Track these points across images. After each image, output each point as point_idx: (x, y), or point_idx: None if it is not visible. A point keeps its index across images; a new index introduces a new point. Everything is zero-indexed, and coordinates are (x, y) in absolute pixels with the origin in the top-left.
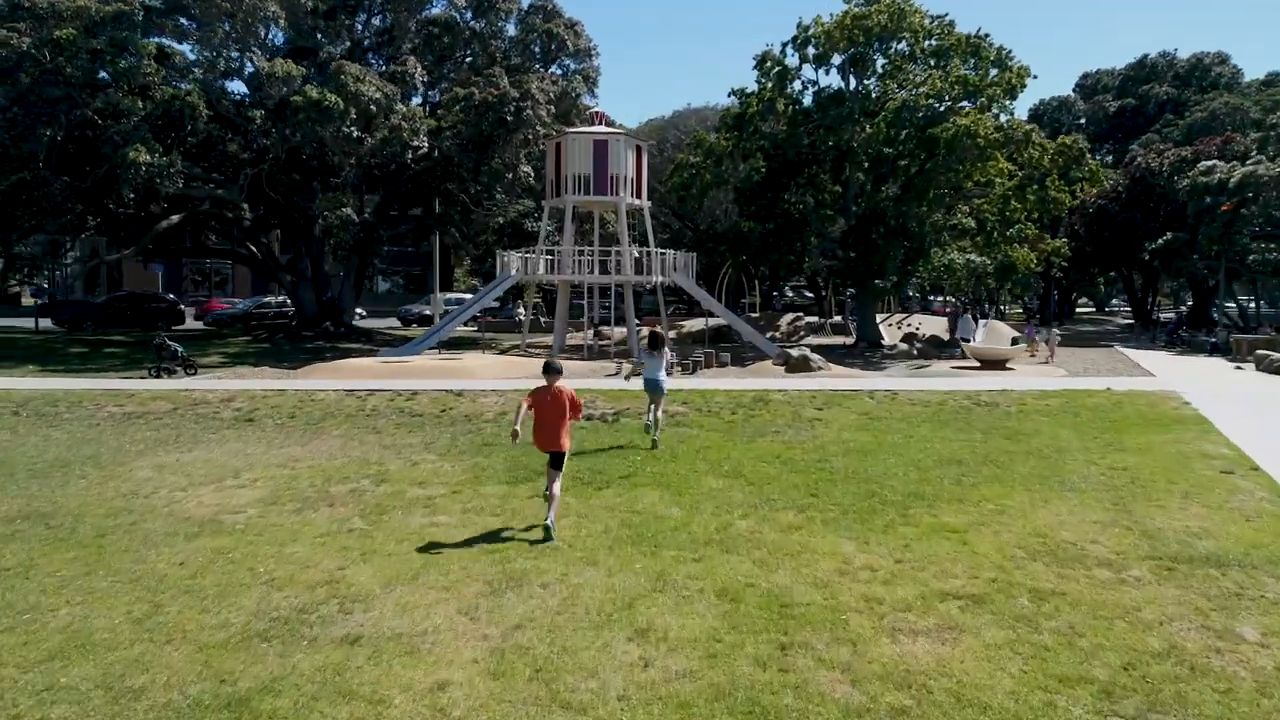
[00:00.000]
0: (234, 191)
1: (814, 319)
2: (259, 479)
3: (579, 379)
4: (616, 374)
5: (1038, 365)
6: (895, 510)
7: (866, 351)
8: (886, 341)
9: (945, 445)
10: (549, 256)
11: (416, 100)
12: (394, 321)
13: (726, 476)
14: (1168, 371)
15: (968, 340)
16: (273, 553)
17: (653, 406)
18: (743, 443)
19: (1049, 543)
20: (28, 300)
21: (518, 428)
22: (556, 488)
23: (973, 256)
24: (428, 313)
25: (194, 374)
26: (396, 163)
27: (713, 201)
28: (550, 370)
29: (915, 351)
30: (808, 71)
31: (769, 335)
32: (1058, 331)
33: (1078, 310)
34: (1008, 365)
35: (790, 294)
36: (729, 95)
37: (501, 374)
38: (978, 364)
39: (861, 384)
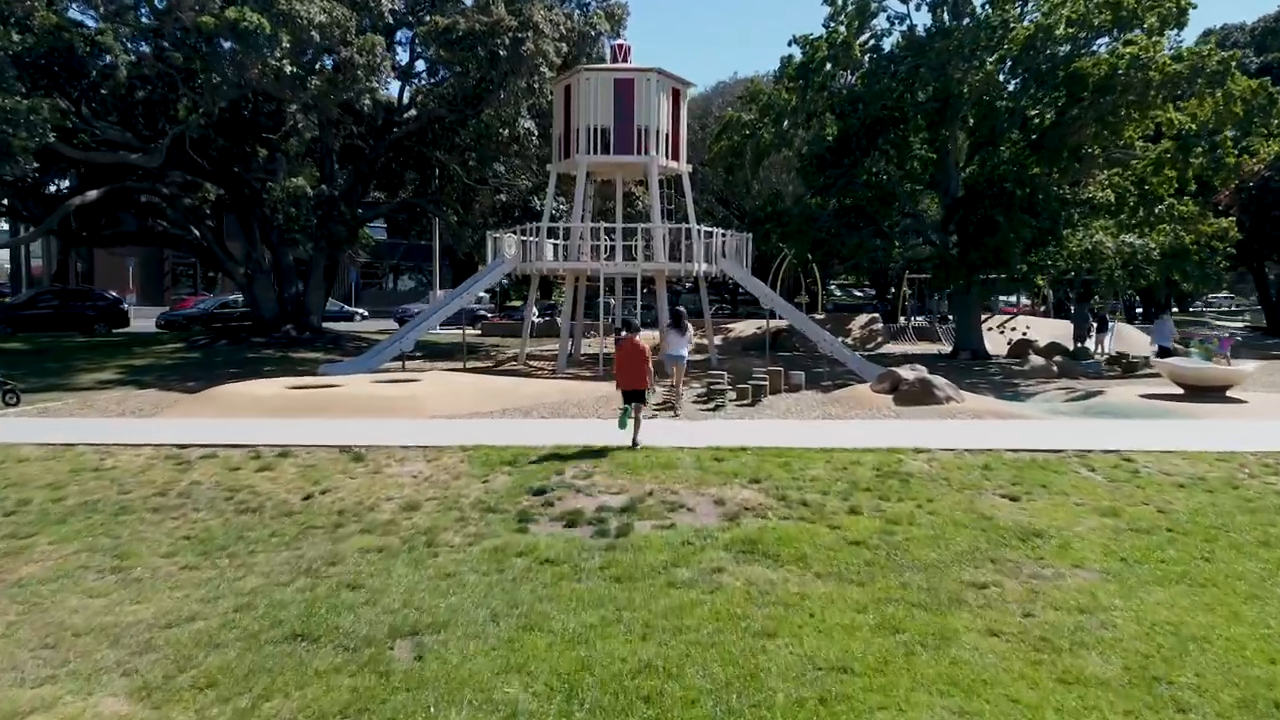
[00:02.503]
0: (155, 156)
1: (887, 323)
2: None
3: (585, 420)
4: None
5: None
6: None
7: (974, 365)
8: (989, 350)
9: None
10: (555, 241)
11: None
12: (393, 324)
13: None
14: None
15: (1166, 349)
16: None
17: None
18: (913, 619)
19: None
20: None
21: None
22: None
23: (1130, 239)
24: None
25: (15, 404)
26: (369, 125)
27: (765, 179)
28: (630, 329)
29: (1055, 368)
30: (893, 3)
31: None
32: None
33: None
34: (1226, 392)
35: (838, 292)
36: (789, 44)
37: (467, 407)
38: (1179, 389)
39: (1038, 433)
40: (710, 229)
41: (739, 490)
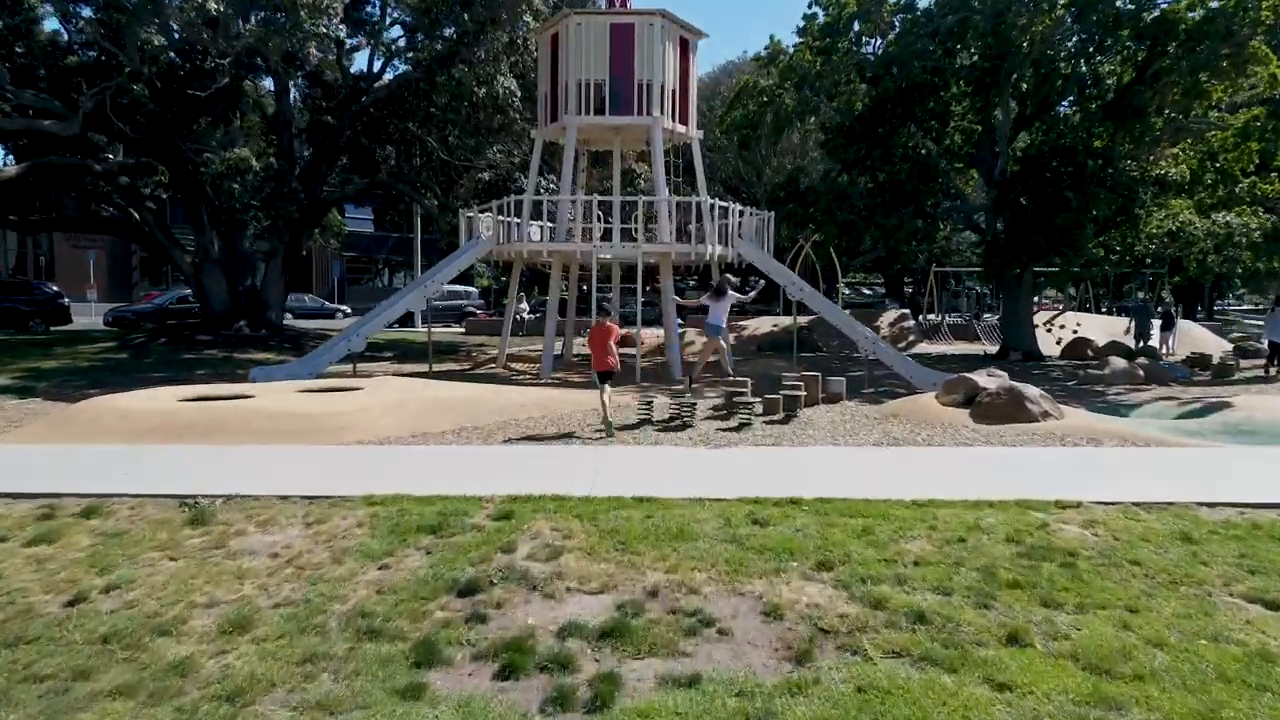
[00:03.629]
0: (71, 124)
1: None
2: None
3: (564, 446)
4: (675, 421)
5: None
6: None
7: (1032, 369)
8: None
9: None
10: (541, 223)
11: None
12: None
13: None
14: None
15: None
16: None
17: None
18: None
19: None
20: None
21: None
22: (606, 396)
23: (1227, 217)
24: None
25: None
26: (336, 94)
27: (779, 158)
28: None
29: (1140, 371)
30: None
31: None
32: None
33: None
34: None
35: (846, 290)
36: (810, 4)
37: (411, 426)
38: None
39: (1215, 470)
40: (725, 204)
41: (801, 586)
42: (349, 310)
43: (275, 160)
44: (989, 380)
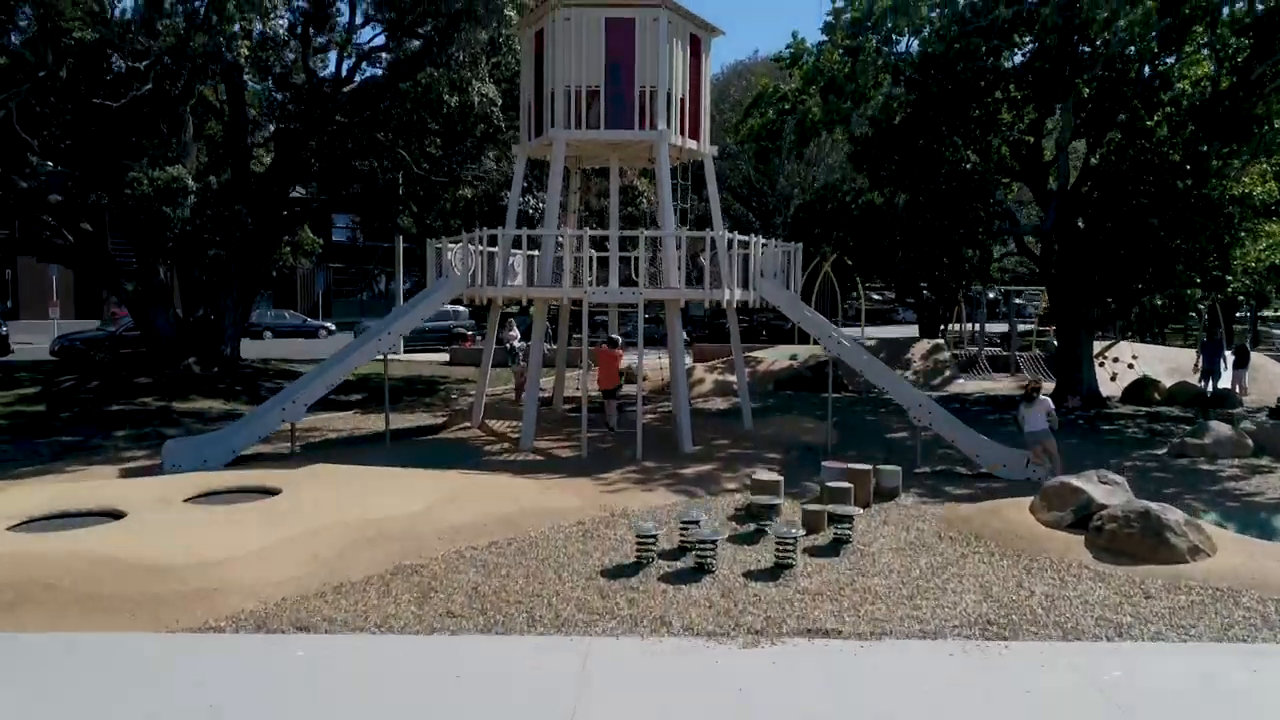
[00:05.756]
0: None
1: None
2: None
3: (545, 637)
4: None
5: None
6: None
7: (1100, 424)
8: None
9: None
10: (525, 251)
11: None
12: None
13: None
14: None
15: None
16: None
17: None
18: None
19: None
20: None
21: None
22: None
23: None
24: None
25: None
26: (305, 100)
27: (792, 168)
28: (612, 344)
29: (1249, 441)
30: None
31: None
32: None
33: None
34: None
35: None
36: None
37: (317, 573)
38: None
39: None
40: (746, 238)
41: None
42: (333, 327)
43: (215, 180)
44: (1106, 492)
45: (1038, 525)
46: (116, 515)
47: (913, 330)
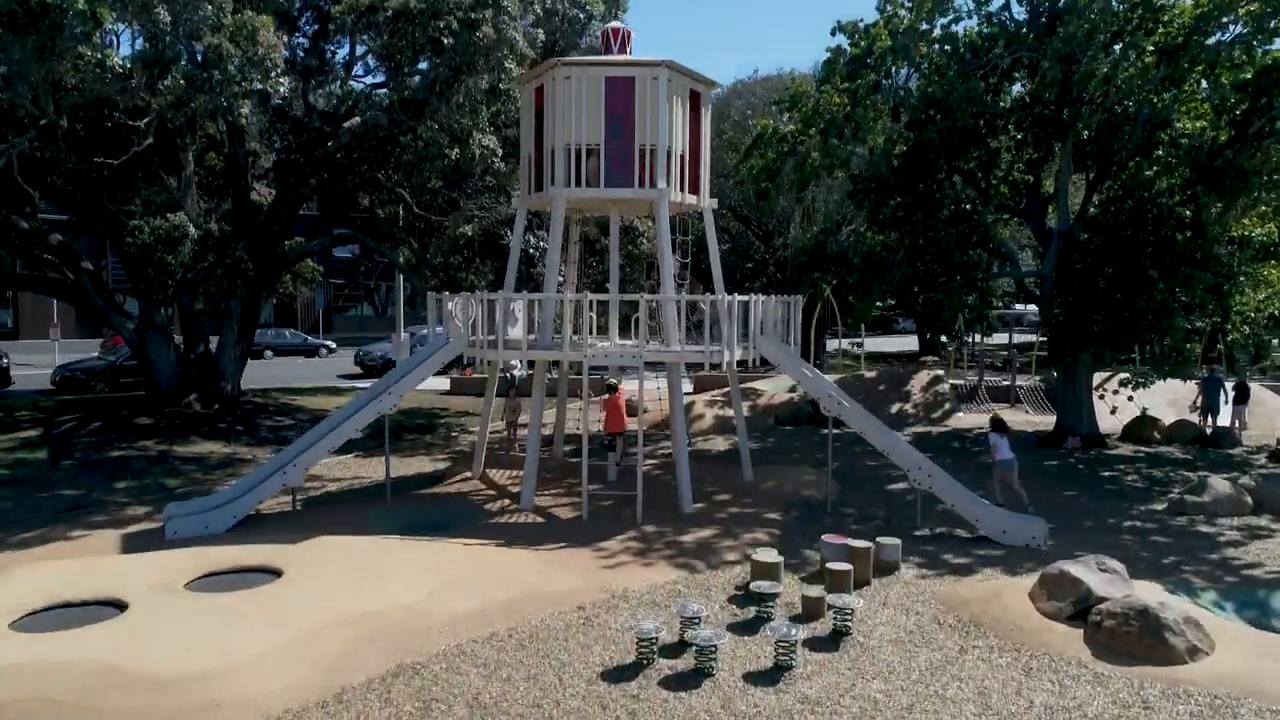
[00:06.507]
0: None
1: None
2: None
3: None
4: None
5: None
6: None
7: (1100, 468)
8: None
9: None
10: (522, 299)
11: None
12: (352, 364)
13: None
14: None
15: None
16: None
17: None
18: None
19: None
20: None
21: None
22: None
23: None
24: (392, 356)
25: None
26: (306, 136)
27: (788, 202)
28: (611, 390)
29: (1248, 498)
30: None
31: (894, 409)
32: None
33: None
34: None
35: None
36: (833, 32)
37: (318, 680)
38: None
39: None
40: (746, 298)
41: None
42: (334, 345)
43: (216, 225)
44: (1105, 581)
45: (1037, 615)
46: (118, 605)
47: (912, 339)
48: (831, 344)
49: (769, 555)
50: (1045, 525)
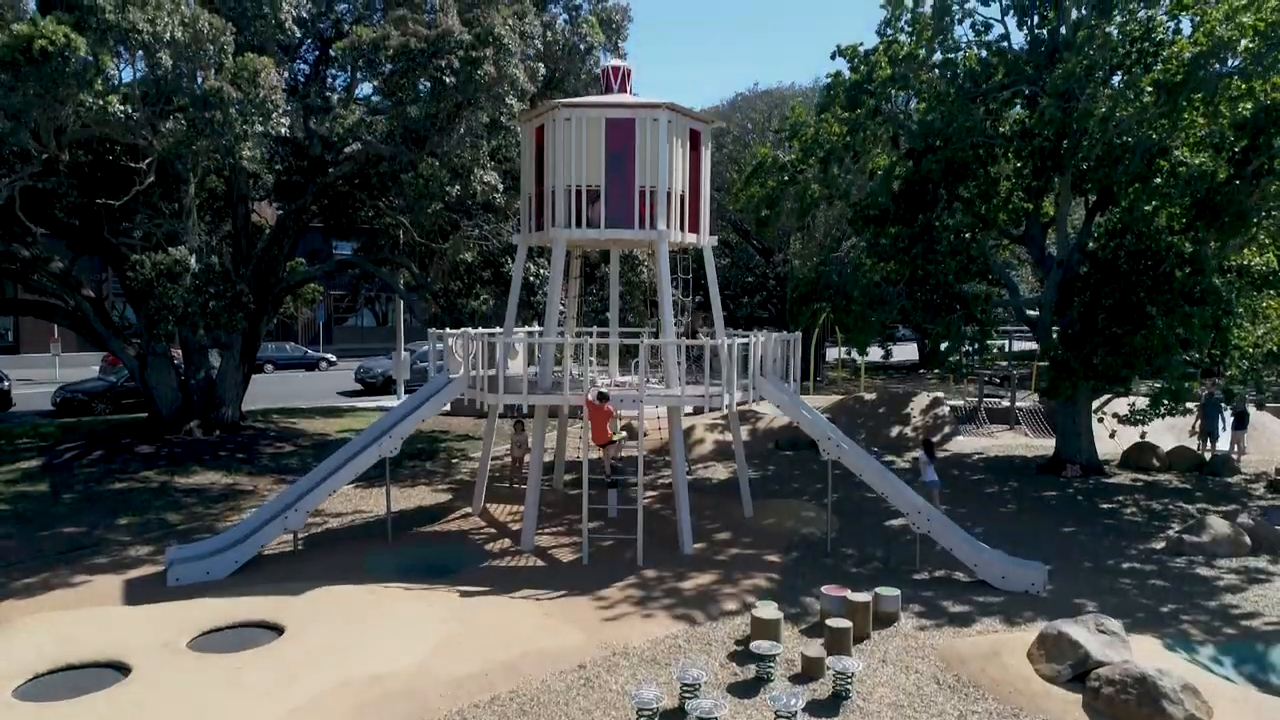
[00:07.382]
0: None
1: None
2: None
3: None
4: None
5: None
6: None
7: (1098, 498)
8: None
9: None
10: (524, 336)
11: (348, 98)
12: (351, 380)
13: None
14: None
15: None
16: None
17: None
18: None
19: None
20: None
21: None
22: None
23: None
24: (392, 373)
25: None
26: (308, 161)
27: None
28: (602, 399)
29: (1247, 538)
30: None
31: (894, 432)
32: None
33: None
34: None
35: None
36: (833, 56)
37: None
38: None
39: None
40: (746, 338)
41: None
42: (334, 359)
43: (217, 260)
44: (1103, 644)
45: (1035, 678)
46: (121, 669)
47: (911, 347)
48: (831, 353)
49: (768, 610)
50: (1044, 571)
